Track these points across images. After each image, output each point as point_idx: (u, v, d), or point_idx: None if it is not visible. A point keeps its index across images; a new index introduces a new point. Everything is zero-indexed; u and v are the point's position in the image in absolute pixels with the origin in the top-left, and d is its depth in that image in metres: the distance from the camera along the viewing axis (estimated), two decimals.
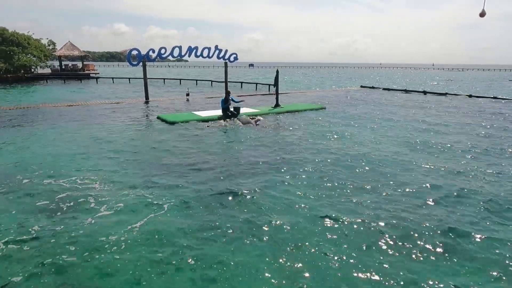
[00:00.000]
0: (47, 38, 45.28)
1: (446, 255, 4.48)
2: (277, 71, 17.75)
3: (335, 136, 11.16)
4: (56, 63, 46.41)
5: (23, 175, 7.22)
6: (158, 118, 14.37)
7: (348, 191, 6.53)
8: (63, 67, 45.25)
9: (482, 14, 11.77)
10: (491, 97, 23.91)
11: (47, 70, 43.88)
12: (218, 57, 21.77)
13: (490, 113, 16.66)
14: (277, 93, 17.48)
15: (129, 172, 7.55)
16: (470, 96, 25.00)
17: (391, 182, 6.97)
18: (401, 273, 4.05)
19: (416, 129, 12.51)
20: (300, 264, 4.23)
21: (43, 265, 4.20)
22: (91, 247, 4.55)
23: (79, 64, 46.85)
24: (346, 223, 5.26)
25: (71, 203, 5.87)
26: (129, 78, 40.25)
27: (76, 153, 8.94)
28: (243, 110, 15.06)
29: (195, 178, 7.17)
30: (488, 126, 13.29)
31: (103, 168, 7.76)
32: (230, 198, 6.16)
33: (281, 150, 9.42)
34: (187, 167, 7.88)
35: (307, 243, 4.67)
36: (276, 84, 17.34)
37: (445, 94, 26.53)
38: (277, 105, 17.10)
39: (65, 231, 4.98)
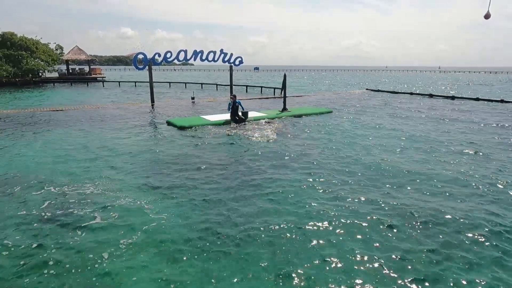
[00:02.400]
0: (55, 43, 45.97)
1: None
2: (285, 75, 17.63)
3: (343, 140, 10.93)
4: (63, 67, 46.76)
5: (25, 180, 7.13)
6: (167, 122, 14.27)
7: (355, 195, 6.32)
8: (70, 71, 45.61)
9: (487, 16, 11.47)
10: None
11: (55, 74, 44.26)
12: (224, 61, 21.68)
13: None
14: (284, 97, 17.32)
15: (137, 177, 7.39)
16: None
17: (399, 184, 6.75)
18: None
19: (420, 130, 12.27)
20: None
21: (43, 270, 4.13)
22: (91, 254, 4.48)
23: (86, 68, 47.23)
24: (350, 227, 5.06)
25: (73, 208, 5.75)
26: (135, 82, 40.41)
27: (84, 158, 8.83)
28: (251, 114, 14.95)
29: (202, 185, 7.00)
30: None
31: (110, 173, 7.62)
32: (234, 207, 5.93)
33: (288, 155, 9.22)
34: (195, 173, 7.72)
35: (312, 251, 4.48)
36: (283, 88, 17.21)
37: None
38: (284, 108, 16.93)
39: (67, 237, 4.90)
